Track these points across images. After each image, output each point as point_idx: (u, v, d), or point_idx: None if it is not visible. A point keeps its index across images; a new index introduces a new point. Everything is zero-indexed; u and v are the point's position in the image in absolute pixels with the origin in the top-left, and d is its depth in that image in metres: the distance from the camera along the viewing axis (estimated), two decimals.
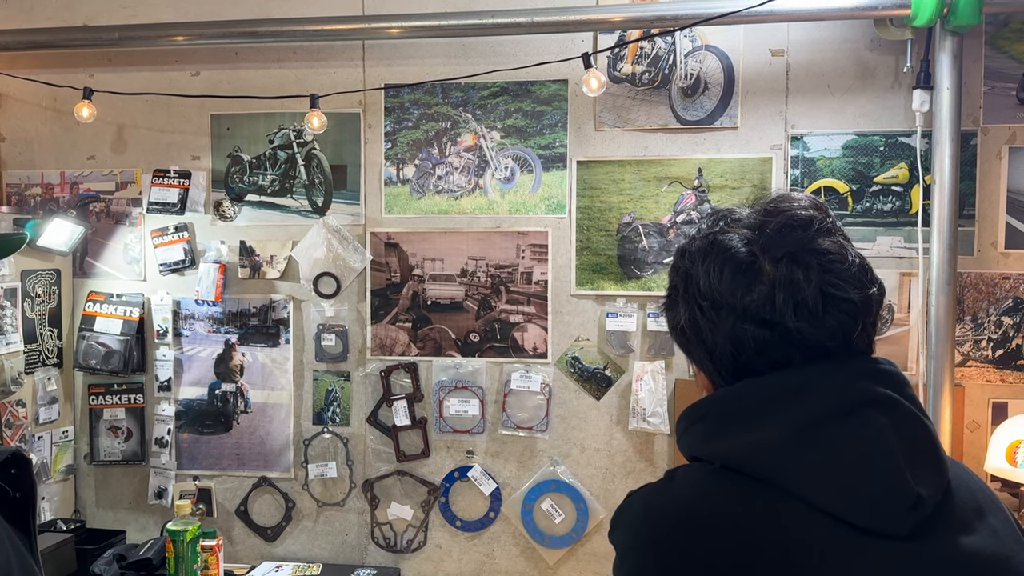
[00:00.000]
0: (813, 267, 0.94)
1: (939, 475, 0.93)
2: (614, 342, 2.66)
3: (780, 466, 0.91)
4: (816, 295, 0.93)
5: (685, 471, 0.98)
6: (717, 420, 0.98)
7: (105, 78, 2.84)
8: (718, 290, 0.96)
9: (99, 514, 2.95)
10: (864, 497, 0.89)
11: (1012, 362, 2.52)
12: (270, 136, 2.83)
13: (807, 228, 0.96)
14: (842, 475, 0.89)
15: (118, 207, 2.91)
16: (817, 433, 0.91)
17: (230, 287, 2.85)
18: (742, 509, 0.90)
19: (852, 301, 0.94)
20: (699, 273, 0.98)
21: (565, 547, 2.71)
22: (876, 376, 0.95)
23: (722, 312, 0.96)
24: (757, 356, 0.96)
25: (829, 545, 0.88)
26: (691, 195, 2.63)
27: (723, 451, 0.95)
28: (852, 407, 0.92)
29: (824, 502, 0.89)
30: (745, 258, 0.96)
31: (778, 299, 0.94)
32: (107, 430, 2.91)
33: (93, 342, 2.86)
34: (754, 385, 0.96)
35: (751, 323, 0.95)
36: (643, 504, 0.98)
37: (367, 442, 2.81)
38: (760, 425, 0.93)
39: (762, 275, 0.95)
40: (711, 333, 0.98)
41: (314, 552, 2.85)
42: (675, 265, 1.05)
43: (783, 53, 2.59)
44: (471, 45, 2.70)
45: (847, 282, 0.94)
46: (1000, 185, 2.51)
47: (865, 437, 0.91)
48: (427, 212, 2.76)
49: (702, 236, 1.02)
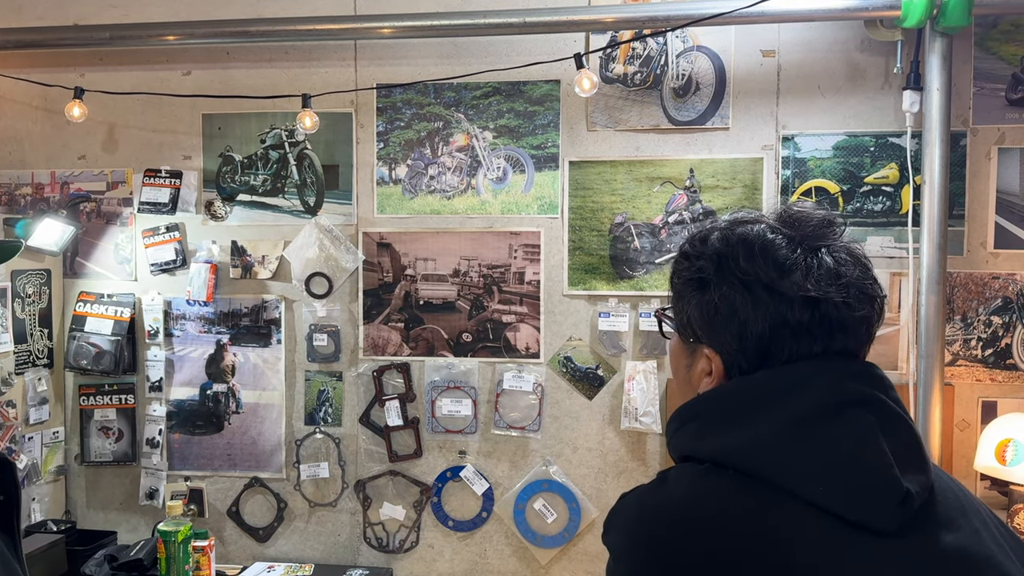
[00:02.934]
0: (848, 262, 0.98)
1: (925, 474, 0.95)
2: (606, 342, 2.67)
3: (772, 463, 0.92)
4: (851, 287, 0.97)
5: (677, 472, 0.99)
6: (710, 418, 0.99)
7: (96, 77, 2.83)
8: (763, 268, 0.97)
9: (90, 515, 2.94)
10: (855, 492, 0.90)
11: (1001, 361, 2.54)
12: (262, 136, 2.83)
13: (835, 229, 1.01)
14: (833, 471, 0.91)
15: (109, 207, 2.90)
16: (808, 430, 0.93)
17: (221, 287, 2.84)
18: (734, 507, 0.91)
19: (878, 299, 1.00)
20: (739, 253, 0.99)
21: (557, 547, 2.72)
22: (863, 377, 0.98)
23: (764, 289, 0.97)
24: (791, 336, 0.97)
25: (820, 540, 0.89)
26: (683, 195, 2.64)
27: (715, 449, 0.96)
28: (841, 406, 0.94)
29: (815, 498, 0.90)
30: (784, 244, 0.98)
31: (823, 281, 0.96)
32: (98, 430, 2.90)
33: (84, 342, 2.85)
34: (746, 384, 0.98)
35: (794, 302, 0.96)
36: (637, 506, 0.99)
37: (359, 442, 2.81)
38: (752, 423, 0.94)
39: (801, 262, 0.97)
40: (752, 310, 0.97)
41: (306, 552, 2.85)
42: (694, 253, 1.04)
43: (774, 54, 2.60)
44: (463, 45, 2.70)
45: (873, 281, 1.00)
46: (989, 185, 2.53)
47: (854, 435, 0.93)
48: (419, 212, 2.76)
49: (726, 227, 1.03)
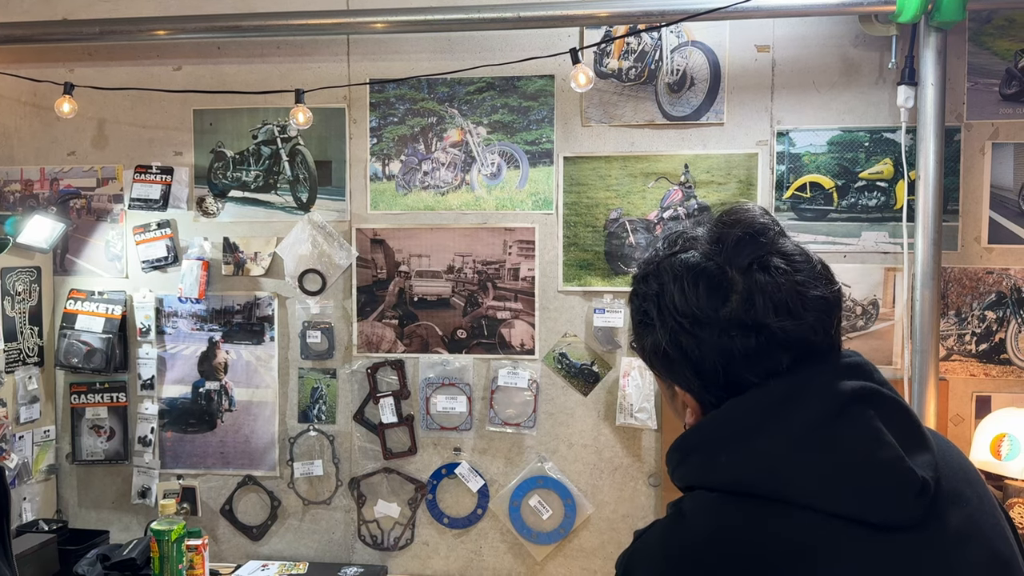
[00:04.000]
0: (781, 270, 0.95)
1: (930, 452, 0.95)
2: (601, 338, 2.66)
3: (784, 480, 0.91)
4: (792, 294, 0.95)
5: (692, 503, 0.97)
6: (711, 448, 0.97)
7: (85, 73, 2.80)
8: (696, 306, 0.96)
9: (81, 514, 2.92)
10: (873, 493, 0.90)
11: (995, 356, 2.54)
12: (253, 131, 2.80)
13: (765, 234, 0.98)
14: (847, 476, 0.90)
15: (99, 204, 2.87)
16: (813, 439, 0.92)
17: (214, 284, 2.82)
18: (758, 533, 0.90)
19: (824, 298, 0.96)
20: (672, 293, 0.98)
21: (553, 543, 2.71)
22: (851, 369, 0.97)
23: (704, 327, 0.96)
24: (747, 363, 0.95)
25: (848, 548, 0.89)
26: (678, 191, 2.63)
27: (725, 477, 0.95)
28: (840, 407, 0.93)
29: (835, 506, 0.90)
30: (715, 271, 0.96)
31: (758, 303, 0.94)
32: (89, 429, 2.88)
33: (75, 340, 2.83)
34: (740, 407, 0.96)
35: (736, 331, 0.94)
36: (660, 544, 0.97)
37: (353, 440, 2.79)
38: (755, 444, 0.93)
39: (735, 285, 0.95)
40: (697, 350, 0.97)
41: (300, 551, 2.83)
42: (638, 292, 1.04)
43: (769, 49, 2.59)
44: (457, 40, 2.69)
45: (816, 279, 0.97)
46: (983, 180, 2.53)
47: (860, 434, 0.92)
48: (413, 208, 2.75)
49: (663, 258, 1.02)
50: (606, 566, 2.70)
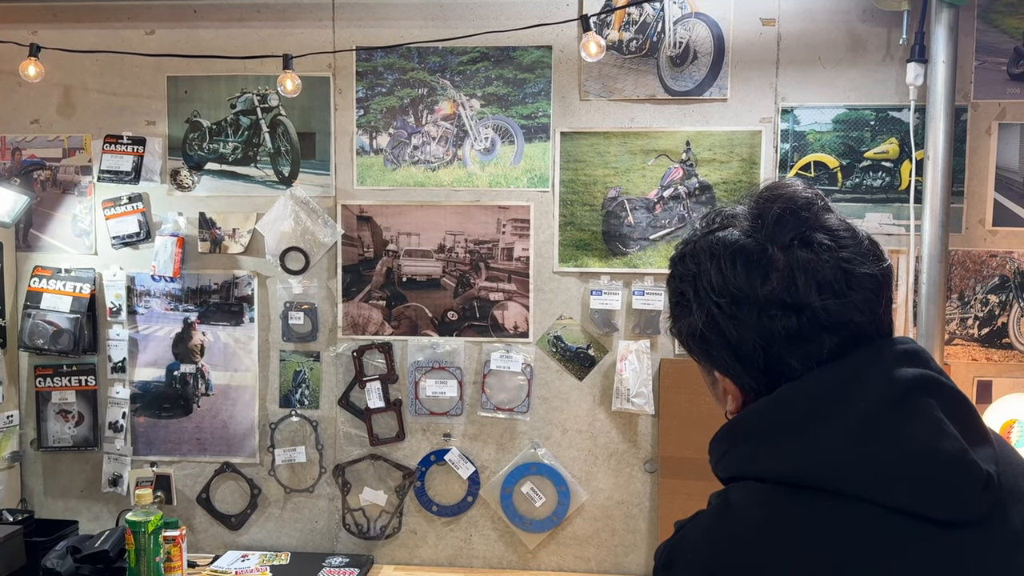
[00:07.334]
0: (825, 246, 0.91)
1: (991, 445, 0.91)
2: (598, 320, 2.57)
3: (843, 473, 0.86)
4: (836, 272, 0.90)
5: (741, 495, 0.91)
6: (764, 437, 0.92)
7: (49, 35, 2.62)
8: (735, 285, 0.92)
9: (48, 503, 2.77)
10: (938, 488, 0.84)
11: (997, 340, 2.51)
12: (232, 100, 2.65)
13: (808, 209, 0.93)
14: (909, 469, 0.85)
15: (66, 175, 2.70)
16: (874, 430, 0.86)
17: (189, 262, 2.68)
18: (814, 527, 0.85)
19: (872, 275, 0.92)
20: (709, 272, 0.94)
21: (546, 531, 2.63)
22: (909, 356, 0.92)
23: (743, 306, 0.92)
24: (788, 346, 0.91)
25: (911, 546, 0.83)
26: (678, 169, 2.54)
27: (778, 469, 0.89)
28: (902, 395, 0.88)
29: (897, 501, 0.84)
30: (754, 249, 0.92)
31: (799, 281, 0.90)
32: (56, 414, 2.73)
33: (40, 320, 2.67)
34: (795, 392, 0.91)
35: (777, 311, 0.90)
36: (705, 535, 0.92)
37: (338, 425, 2.68)
38: (812, 433, 0.88)
39: (776, 263, 0.91)
40: (736, 331, 0.93)
41: (281, 540, 2.72)
42: (675, 274, 1.02)
43: (774, 23, 2.50)
44: (449, 6, 2.56)
45: (863, 256, 0.92)
46: (989, 161, 2.48)
47: (923, 425, 0.86)
48: (402, 184, 2.62)
49: (700, 237, 0.98)
50: (600, 554, 2.63)
